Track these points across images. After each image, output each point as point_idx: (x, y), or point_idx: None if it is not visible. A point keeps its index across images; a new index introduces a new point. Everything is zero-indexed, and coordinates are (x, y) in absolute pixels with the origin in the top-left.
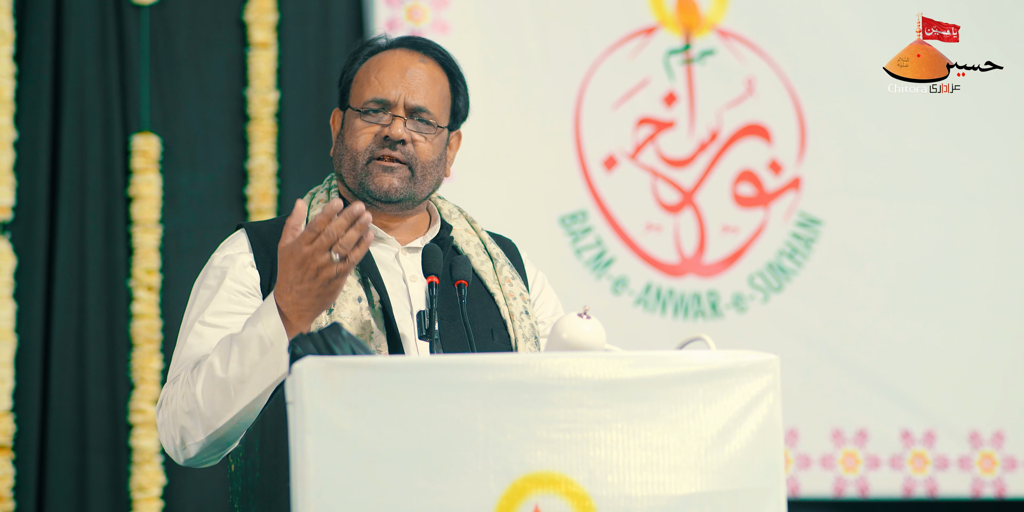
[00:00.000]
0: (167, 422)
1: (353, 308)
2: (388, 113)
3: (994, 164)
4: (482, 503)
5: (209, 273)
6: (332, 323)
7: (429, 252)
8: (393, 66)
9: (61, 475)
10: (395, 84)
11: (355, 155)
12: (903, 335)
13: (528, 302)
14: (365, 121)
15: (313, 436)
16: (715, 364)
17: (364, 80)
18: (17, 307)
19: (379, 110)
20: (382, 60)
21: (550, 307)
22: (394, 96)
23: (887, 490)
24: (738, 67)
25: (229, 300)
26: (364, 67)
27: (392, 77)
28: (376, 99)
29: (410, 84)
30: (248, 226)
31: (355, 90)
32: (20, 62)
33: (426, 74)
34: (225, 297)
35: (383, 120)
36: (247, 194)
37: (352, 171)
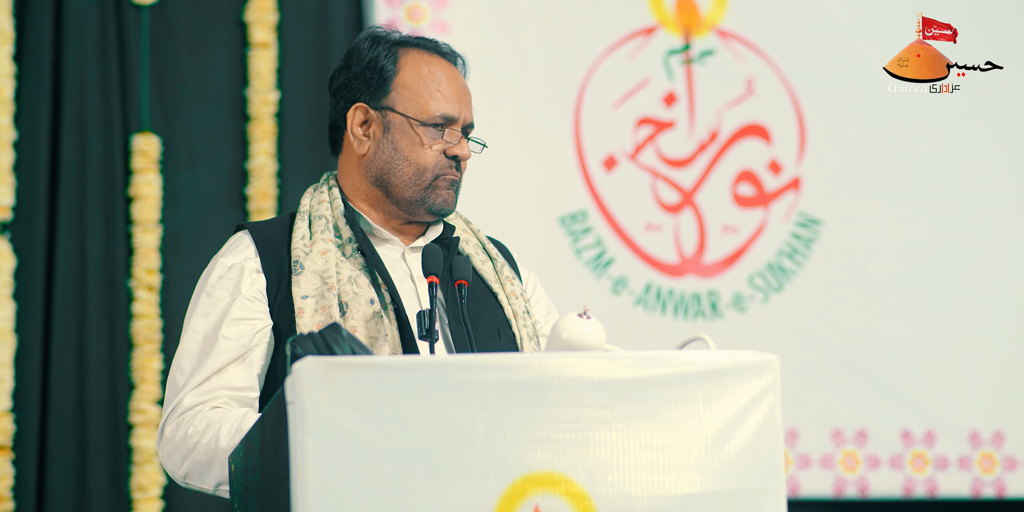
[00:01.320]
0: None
1: (366, 310)
2: (454, 130)
3: (993, 164)
4: (482, 503)
5: (217, 280)
6: (332, 323)
7: (429, 252)
8: (451, 80)
9: (61, 475)
10: (458, 100)
11: (421, 170)
12: (903, 335)
13: (528, 302)
14: (432, 135)
15: (313, 436)
16: (715, 364)
17: (422, 90)
18: (17, 307)
19: (444, 125)
20: (434, 70)
21: (544, 306)
22: (458, 113)
23: (887, 490)
24: (738, 67)
25: (241, 308)
26: (410, 71)
27: (454, 92)
28: (445, 115)
29: (465, 100)
30: (251, 227)
31: (408, 96)
32: (20, 62)
33: (468, 89)
34: (237, 305)
35: (450, 137)
36: (247, 194)
37: (415, 184)
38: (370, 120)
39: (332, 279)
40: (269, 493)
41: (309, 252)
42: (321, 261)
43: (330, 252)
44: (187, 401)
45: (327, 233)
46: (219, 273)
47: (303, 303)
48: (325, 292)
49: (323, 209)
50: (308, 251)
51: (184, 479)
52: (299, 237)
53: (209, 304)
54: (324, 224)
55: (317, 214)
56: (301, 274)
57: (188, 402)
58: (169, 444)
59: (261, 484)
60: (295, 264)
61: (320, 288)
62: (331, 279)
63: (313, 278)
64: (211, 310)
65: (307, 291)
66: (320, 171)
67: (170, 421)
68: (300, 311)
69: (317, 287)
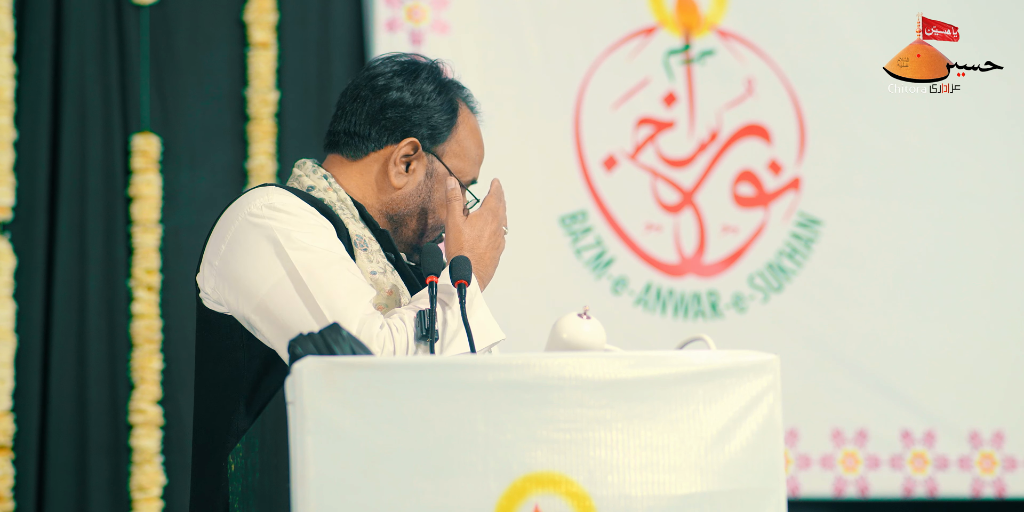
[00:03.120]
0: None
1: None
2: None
3: (994, 164)
4: (482, 503)
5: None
6: (332, 323)
7: (429, 252)
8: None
9: (61, 475)
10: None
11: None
12: (903, 335)
13: None
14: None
15: (313, 436)
16: (715, 364)
17: (471, 151)
18: (17, 307)
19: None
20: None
21: None
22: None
23: (887, 490)
24: (738, 67)
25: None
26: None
27: (482, 158)
28: (473, 181)
29: None
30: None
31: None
32: (20, 62)
33: None
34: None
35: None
36: None
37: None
38: (416, 159)
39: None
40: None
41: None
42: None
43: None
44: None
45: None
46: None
47: (372, 278)
48: (389, 274)
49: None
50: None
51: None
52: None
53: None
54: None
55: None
56: (367, 251)
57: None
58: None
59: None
60: (359, 238)
61: (384, 268)
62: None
63: (378, 256)
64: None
65: (375, 268)
66: None
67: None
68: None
69: (383, 266)
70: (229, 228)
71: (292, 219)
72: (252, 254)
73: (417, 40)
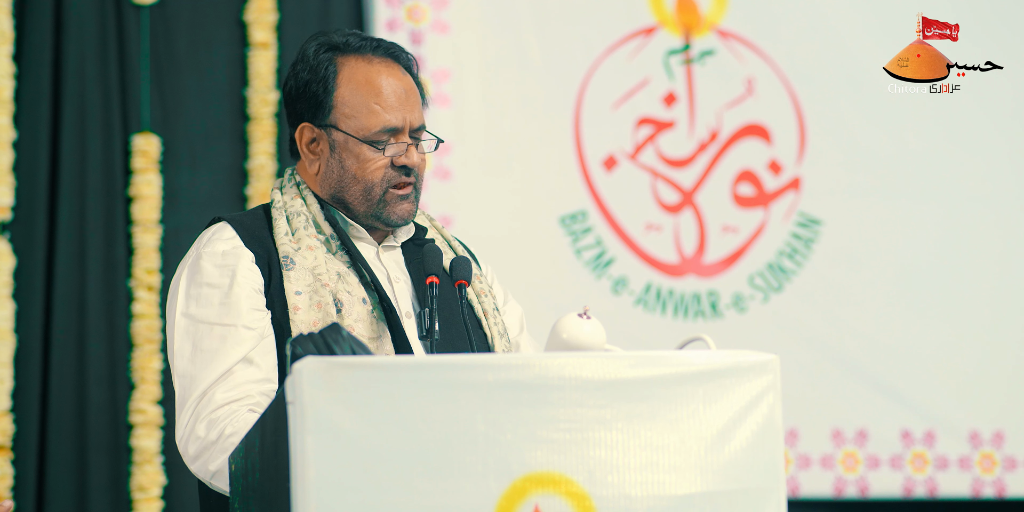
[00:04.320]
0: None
1: (360, 310)
2: (398, 139)
3: (994, 164)
4: (482, 503)
5: (214, 269)
6: (332, 323)
7: (429, 252)
8: (389, 87)
9: (61, 475)
10: (399, 106)
11: (369, 186)
12: (903, 335)
13: (495, 298)
14: (375, 150)
15: (313, 436)
16: (715, 364)
17: (360, 105)
18: (17, 307)
19: (388, 138)
20: (371, 80)
21: (500, 298)
22: (401, 121)
23: (887, 490)
24: (738, 67)
25: (251, 297)
26: (348, 85)
27: (394, 99)
28: (386, 128)
29: (407, 103)
30: (230, 219)
31: (347, 113)
32: (20, 62)
33: (412, 87)
34: (248, 295)
35: (396, 147)
36: (247, 194)
37: (365, 201)
38: (317, 138)
39: (324, 276)
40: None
41: (298, 248)
42: (311, 257)
43: (317, 249)
44: (219, 397)
45: (310, 229)
46: (213, 262)
47: (296, 299)
48: (319, 288)
49: (298, 206)
50: (296, 247)
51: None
52: (282, 233)
53: (211, 294)
54: (304, 220)
55: (294, 211)
56: (292, 269)
57: (220, 398)
58: (201, 442)
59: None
60: (285, 259)
61: (313, 284)
62: (323, 276)
63: (305, 274)
64: (215, 298)
65: (299, 287)
66: None
67: (200, 418)
68: (295, 307)
69: (310, 283)
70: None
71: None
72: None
73: (417, 40)
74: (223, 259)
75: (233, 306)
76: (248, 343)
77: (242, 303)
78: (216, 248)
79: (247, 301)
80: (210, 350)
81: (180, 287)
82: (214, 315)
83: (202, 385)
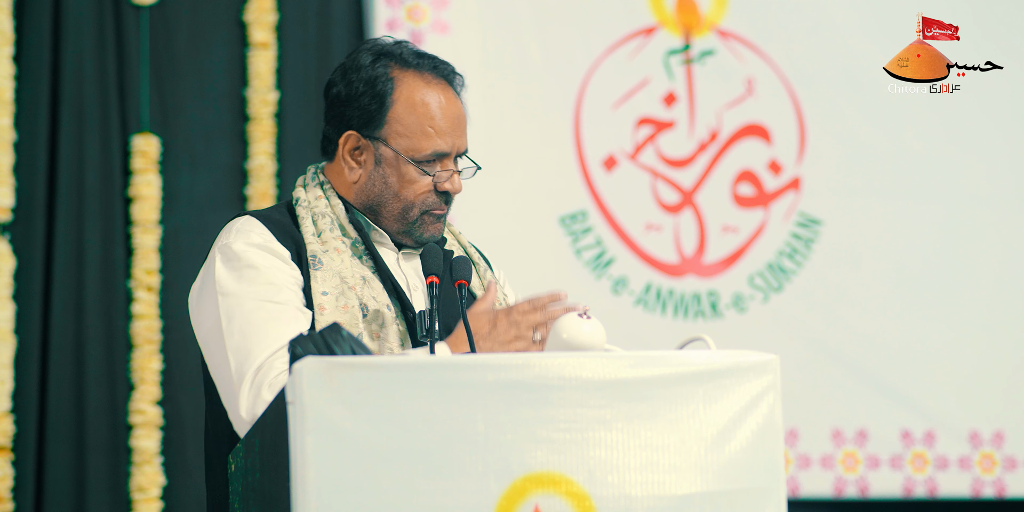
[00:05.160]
0: None
1: (386, 316)
2: (444, 165)
3: (994, 164)
4: (482, 503)
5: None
6: (332, 323)
7: (429, 252)
8: (445, 110)
9: (60, 476)
10: (451, 131)
11: (408, 206)
12: (903, 335)
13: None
14: (421, 173)
15: (313, 436)
16: (715, 364)
17: (415, 126)
18: (16, 308)
19: (435, 161)
20: (428, 102)
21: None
22: (450, 147)
23: (887, 490)
24: (738, 67)
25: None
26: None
27: (447, 124)
28: (437, 152)
29: (458, 129)
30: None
31: (400, 131)
32: (19, 63)
33: (463, 113)
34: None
35: (439, 173)
36: (247, 194)
37: (401, 220)
38: (362, 147)
39: (350, 279)
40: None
41: (325, 249)
42: (338, 259)
43: (343, 251)
44: (278, 365)
45: (335, 231)
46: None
47: (323, 299)
48: (345, 291)
49: (322, 206)
50: (324, 248)
51: None
52: (310, 232)
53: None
54: (330, 222)
55: (319, 211)
56: (320, 270)
57: (279, 366)
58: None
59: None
60: (313, 259)
61: (340, 286)
62: (349, 279)
63: (332, 275)
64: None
65: (326, 287)
66: None
67: (264, 384)
68: (320, 307)
69: (336, 285)
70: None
71: (236, 262)
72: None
73: (417, 40)
74: (260, 250)
75: (282, 288)
76: (302, 323)
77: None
78: (250, 238)
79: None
80: (263, 325)
81: (216, 271)
82: (263, 292)
83: (260, 357)
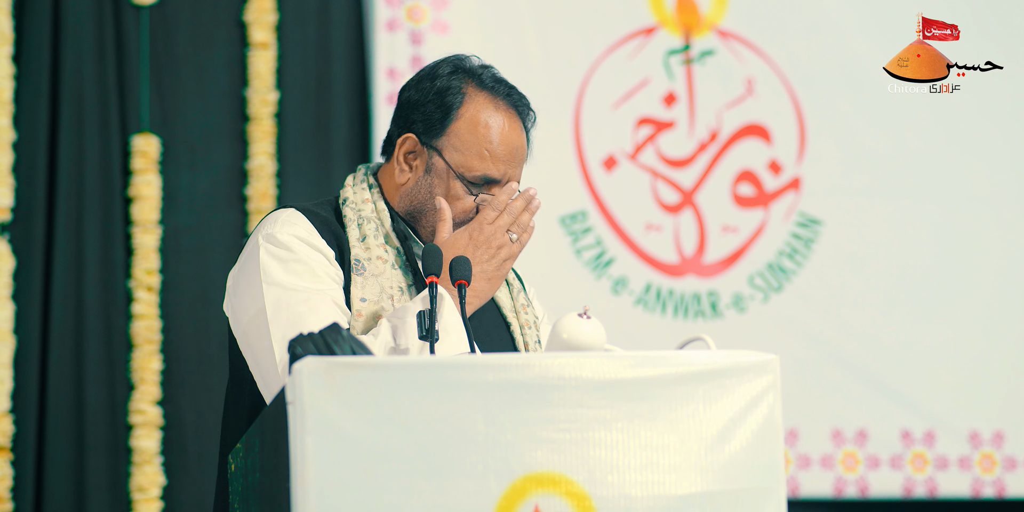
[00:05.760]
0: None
1: None
2: (490, 190)
3: (994, 164)
4: (482, 503)
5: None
6: (332, 323)
7: (429, 252)
8: (507, 139)
9: (60, 476)
10: (507, 161)
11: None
12: (903, 335)
13: (540, 330)
14: (466, 192)
15: (313, 436)
16: (715, 364)
17: (473, 145)
18: (16, 308)
19: (483, 184)
20: (492, 124)
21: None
22: (501, 175)
23: (887, 490)
24: (738, 67)
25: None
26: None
27: (505, 152)
28: (487, 178)
29: (515, 159)
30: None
31: (458, 145)
32: (19, 63)
33: (524, 146)
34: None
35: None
36: (247, 194)
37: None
38: (417, 152)
39: (390, 290)
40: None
41: (369, 257)
42: (381, 268)
43: (388, 261)
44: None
45: (379, 238)
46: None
47: (361, 306)
48: (383, 300)
49: (368, 211)
50: (368, 256)
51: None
52: (355, 236)
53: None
54: (375, 229)
55: (365, 215)
56: (362, 275)
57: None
58: None
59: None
60: (356, 263)
61: (379, 296)
62: (389, 289)
63: (373, 283)
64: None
65: (366, 294)
66: (320, 171)
67: None
68: (358, 313)
69: (376, 293)
70: (245, 250)
71: (283, 252)
72: (243, 283)
73: (417, 40)
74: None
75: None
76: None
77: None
78: (296, 231)
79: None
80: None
81: (261, 259)
82: (310, 285)
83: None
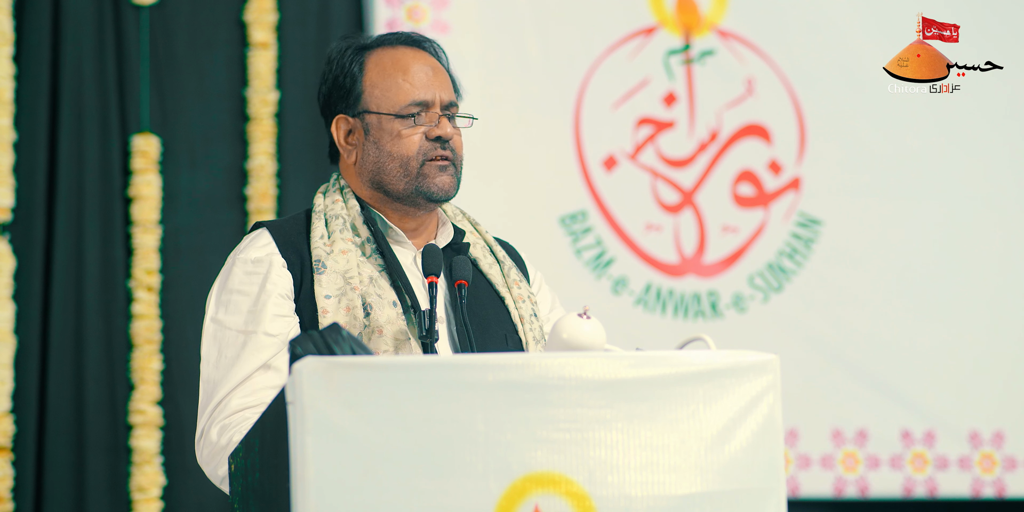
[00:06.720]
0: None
1: (389, 312)
2: (430, 113)
3: (994, 164)
4: (482, 503)
5: (244, 276)
6: (332, 323)
7: (429, 252)
8: (415, 65)
9: (60, 476)
10: (427, 84)
11: (406, 160)
12: (903, 335)
13: (535, 304)
14: (408, 125)
15: (313, 436)
16: (715, 364)
17: (388, 84)
18: (16, 308)
19: (419, 112)
20: (397, 61)
21: (547, 305)
22: (431, 96)
23: (887, 490)
24: (738, 67)
25: (277, 304)
26: (375, 70)
27: (421, 77)
28: (416, 102)
29: (437, 81)
30: (268, 225)
31: (377, 94)
32: (19, 63)
33: (440, 67)
34: (274, 302)
35: (426, 120)
36: (247, 194)
37: (404, 176)
38: (353, 128)
39: (355, 279)
40: (269, 493)
41: (330, 252)
42: (343, 260)
43: (351, 252)
44: (234, 403)
45: (346, 232)
46: (244, 269)
47: (326, 303)
48: (348, 291)
49: (338, 209)
50: (329, 250)
51: (221, 482)
52: (318, 236)
53: (240, 301)
54: (342, 223)
55: (333, 214)
56: (323, 273)
57: (235, 404)
58: (213, 446)
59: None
60: (317, 263)
61: (343, 288)
62: (353, 279)
63: (335, 278)
64: (243, 306)
65: (329, 291)
66: (320, 171)
67: (214, 422)
68: (323, 310)
69: (340, 287)
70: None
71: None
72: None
73: None
74: (254, 266)
75: (258, 313)
76: (269, 350)
77: (267, 310)
78: (249, 255)
79: (273, 308)
80: (232, 357)
81: (213, 293)
82: (240, 322)
83: (222, 391)
